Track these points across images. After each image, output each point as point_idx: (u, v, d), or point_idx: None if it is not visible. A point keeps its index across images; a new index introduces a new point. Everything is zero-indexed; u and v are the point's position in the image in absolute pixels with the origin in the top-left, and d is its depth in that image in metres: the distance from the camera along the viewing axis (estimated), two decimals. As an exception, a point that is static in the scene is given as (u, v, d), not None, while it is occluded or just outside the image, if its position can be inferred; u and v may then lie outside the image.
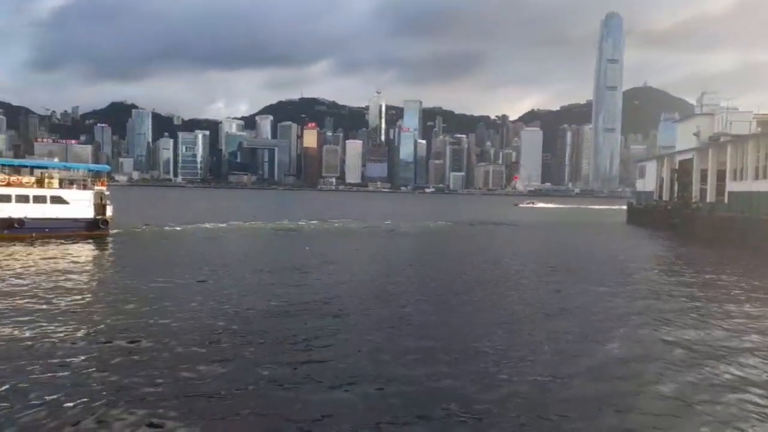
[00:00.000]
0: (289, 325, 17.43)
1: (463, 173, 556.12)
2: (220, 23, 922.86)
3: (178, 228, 53.10)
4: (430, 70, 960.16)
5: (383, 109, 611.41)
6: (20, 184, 42.09)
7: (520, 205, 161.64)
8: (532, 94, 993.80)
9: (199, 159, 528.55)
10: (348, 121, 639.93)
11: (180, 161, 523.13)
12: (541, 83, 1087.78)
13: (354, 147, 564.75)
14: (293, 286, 24.67)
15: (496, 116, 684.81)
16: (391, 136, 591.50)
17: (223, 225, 58.82)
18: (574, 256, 41.07)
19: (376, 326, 17.62)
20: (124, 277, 26.29)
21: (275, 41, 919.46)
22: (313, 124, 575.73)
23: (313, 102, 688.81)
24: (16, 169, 45.80)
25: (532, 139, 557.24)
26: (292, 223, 65.84)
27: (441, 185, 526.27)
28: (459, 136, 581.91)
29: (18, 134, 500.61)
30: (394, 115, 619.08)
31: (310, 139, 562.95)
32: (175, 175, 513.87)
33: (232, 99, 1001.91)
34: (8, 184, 41.37)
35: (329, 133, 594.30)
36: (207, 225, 57.58)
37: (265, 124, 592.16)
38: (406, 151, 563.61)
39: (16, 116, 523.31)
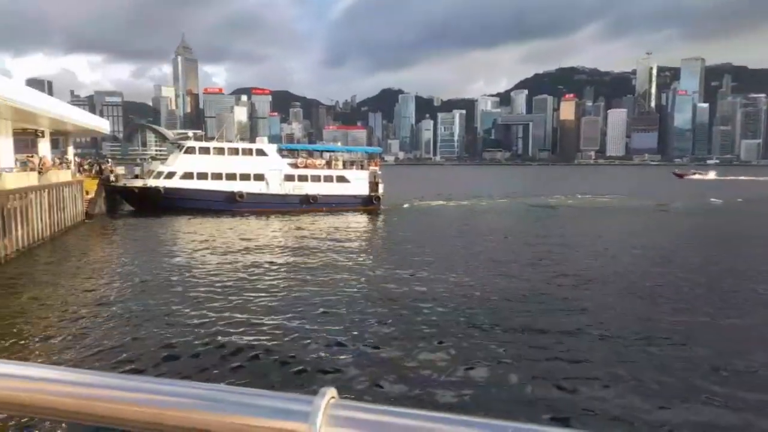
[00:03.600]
0: (548, 308, 17.52)
1: (759, 140, 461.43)
2: (484, 2, 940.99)
3: (438, 203, 57.13)
4: (717, 21, 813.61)
5: (654, 71, 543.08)
6: (314, 166, 50.56)
7: (689, 177, 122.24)
8: None
9: (455, 138, 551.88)
10: (610, 88, 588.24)
11: (439, 140, 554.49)
12: None
13: (617, 116, 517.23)
14: (553, 265, 24.44)
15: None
16: (663, 102, 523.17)
17: (478, 201, 60.95)
18: None
19: (649, 325, 16.45)
20: (395, 246, 29.75)
21: (543, 8, 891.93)
22: (571, 95, 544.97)
23: (571, 72, 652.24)
24: (311, 153, 54.98)
25: None
26: (548, 198, 64.37)
27: (728, 155, 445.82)
28: (755, 95, 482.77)
29: (311, 123, 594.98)
30: (668, 77, 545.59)
31: (568, 111, 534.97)
32: (435, 154, 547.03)
33: (492, 76, 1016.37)
34: (306, 167, 50.10)
35: (589, 103, 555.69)
36: (463, 201, 60.38)
37: (520, 99, 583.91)
38: (682, 118, 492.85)
39: (310, 108, 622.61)
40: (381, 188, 51.16)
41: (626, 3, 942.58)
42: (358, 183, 50.61)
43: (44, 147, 42.91)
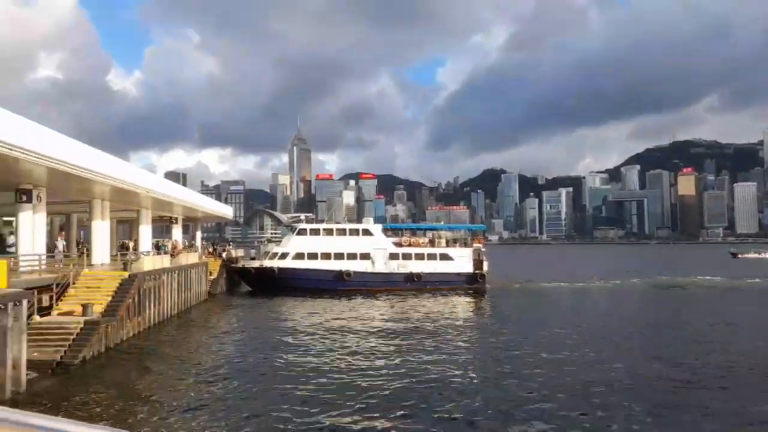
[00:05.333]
0: (675, 392, 15.76)
1: None
2: (592, 80, 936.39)
3: (550, 284, 54.05)
4: None
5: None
6: (418, 245, 51.08)
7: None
8: None
9: (563, 216, 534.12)
10: (734, 161, 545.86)
11: (545, 219, 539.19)
12: None
13: (745, 190, 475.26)
14: (673, 347, 22.14)
15: None
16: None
17: (595, 282, 57.17)
18: None
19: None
20: (502, 326, 28.57)
21: (653, 85, 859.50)
22: (690, 169, 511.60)
23: (686, 145, 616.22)
24: (414, 232, 55.81)
25: None
26: (677, 278, 58.97)
27: None
28: None
29: (414, 204, 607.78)
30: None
31: (687, 185, 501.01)
32: (541, 232, 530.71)
33: (599, 153, 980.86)
34: (410, 245, 50.76)
35: (710, 177, 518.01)
36: (574, 282, 57.00)
37: (632, 174, 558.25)
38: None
39: (413, 189, 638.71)
40: (486, 266, 50.14)
41: (747, 72, 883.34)
42: (461, 260, 50.07)
43: (177, 232, 47.68)
